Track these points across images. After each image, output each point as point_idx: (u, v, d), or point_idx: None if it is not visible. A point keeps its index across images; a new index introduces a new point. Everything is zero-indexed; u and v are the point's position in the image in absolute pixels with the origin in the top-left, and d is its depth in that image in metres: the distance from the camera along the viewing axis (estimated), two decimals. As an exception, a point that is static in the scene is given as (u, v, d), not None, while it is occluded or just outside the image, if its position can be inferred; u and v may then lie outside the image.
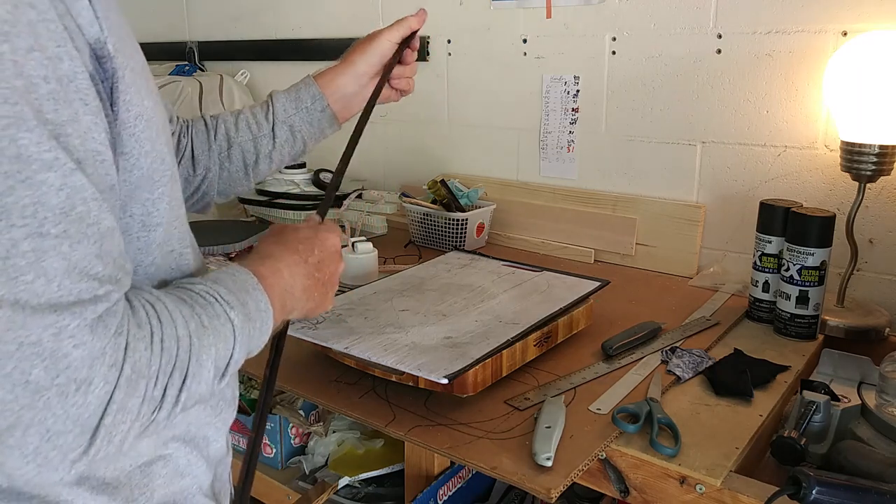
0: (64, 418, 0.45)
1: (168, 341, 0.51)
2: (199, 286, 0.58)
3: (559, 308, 1.08)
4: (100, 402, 0.46)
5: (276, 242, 0.72)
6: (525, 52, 1.64)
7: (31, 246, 0.44)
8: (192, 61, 2.28)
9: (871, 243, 1.29)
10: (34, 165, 0.44)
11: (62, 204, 0.46)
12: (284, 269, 0.68)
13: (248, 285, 0.62)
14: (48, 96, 0.46)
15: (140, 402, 0.49)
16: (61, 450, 0.46)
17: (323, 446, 1.22)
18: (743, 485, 0.80)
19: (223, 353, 0.57)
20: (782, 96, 1.34)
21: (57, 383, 0.44)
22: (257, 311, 0.62)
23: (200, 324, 0.55)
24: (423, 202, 1.67)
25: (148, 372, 0.49)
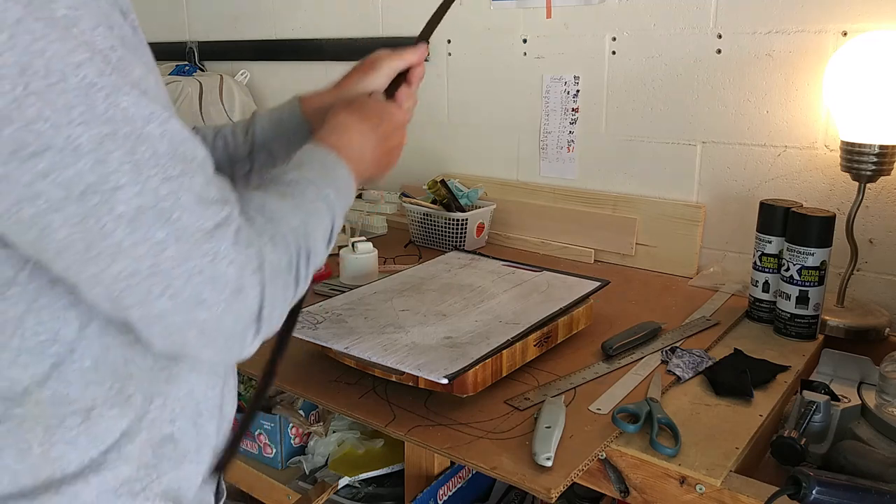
0: (236, 320, 0.55)
1: (289, 236, 0.61)
2: (291, 174, 0.67)
3: (559, 308, 1.08)
4: (256, 301, 0.56)
5: (348, 111, 0.79)
6: (525, 52, 1.64)
7: (168, 189, 0.51)
8: (192, 61, 2.28)
9: (871, 243, 1.29)
10: (138, 122, 0.50)
11: (168, 148, 0.52)
12: (356, 136, 0.77)
13: (328, 161, 0.72)
14: (119, 62, 0.50)
15: (283, 289, 0.59)
16: (240, 340, 0.57)
17: (323, 446, 1.22)
18: (743, 485, 0.80)
19: (327, 227, 0.67)
20: (782, 96, 1.34)
21: (224, 297, 0.54)
22: (343, 183, 0.71)
23: (306, 211, 0.64)
24: (423, 202, 1.67)
25: (281, 266, 0.59)
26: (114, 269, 0.51)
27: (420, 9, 1.78)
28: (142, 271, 0.51)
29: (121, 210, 0.49)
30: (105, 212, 0.49)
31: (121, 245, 0.50)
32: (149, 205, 0.50)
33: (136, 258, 0.50)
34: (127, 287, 0.51)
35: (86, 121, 0.48)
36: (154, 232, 0.50)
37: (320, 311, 1.07)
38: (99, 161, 0.48)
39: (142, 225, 0.50)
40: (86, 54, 0.48)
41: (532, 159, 1.69)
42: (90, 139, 0.48)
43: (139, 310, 0.53)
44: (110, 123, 0.49)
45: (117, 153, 0.49)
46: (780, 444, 0.86)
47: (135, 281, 0.51)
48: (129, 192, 0.49)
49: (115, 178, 0.49)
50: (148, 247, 0.50)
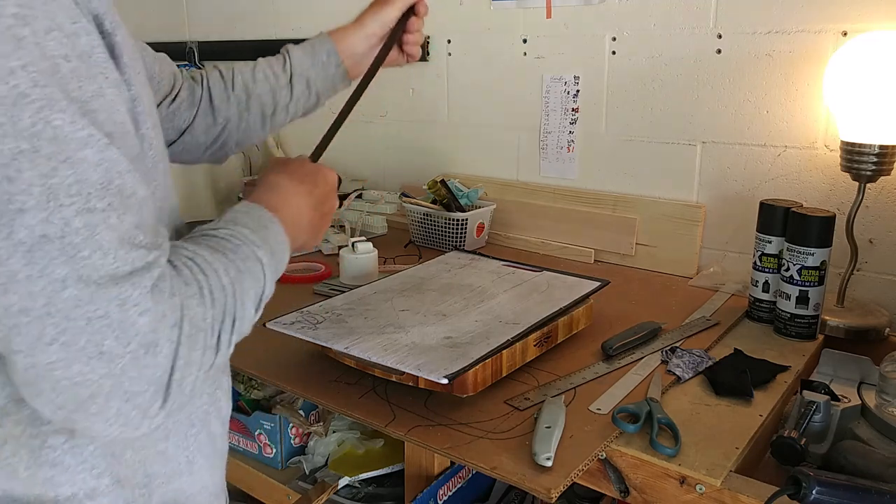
0: (139, 380, 0.48)
1: (216, 292, 0.55)
2: (223, 230, 0.62)
3: (559, 308, 1.08)
4: (168, 361, 0.50)
5: (282, 173, 0.75)
6: (525, 52, 1.64)
7: (83, 222, 0.46)
8: (192, 61, 2.28)
9: (871, 243, 1.29)
10: (72, 145, 0.46)
11: (101, 178, 0.47)
12: (293, 199, 0.73)
13: (264, 220, 0.66)
14: (71, 74, 0.47)
15: (202, 353, 0.53)
16: (140, 408, 0.49)
17: (323, 446, 1.22)
18: (743, 485, 0.80)
19: (258, 291, 0.61)
20: (782, 96, 1.34)
21: (129, 350, 0.48)
22: (277, 244, 0.66)
23: (237, 269, 0.59)
24: (423, 202, 1.67)
25: (204, 325, 0.53)
26: (3, 301, 0.45)
27: (420, 9, 1.78)
28: (34, 310, 0.45)
29: (20, 236, 0.44)
30: (2, 236, 0.44)
31: (14, 276, 0.45)
32: (54, 236, 0.45)
33: (30, 294, 0.45)
34: (15, 326, 0.46)
35: (3, 133, 0.43)
36: (54, 268, 0.45)
37: (320, 311, 1.07)
38: (7, 178, 0.43)
39: (42, 257, 0.45)
40: (20, 61, 0.44)
41: (532, 159, 1.69)
42: (2, 153, 0.43)
43: (27, 357, 0.46)
44: (32, 139, 0.44)
45: (29, 173, 0.44)
46: (780, 444, 0.86)
47: (25, 319, 0.45)
48: (33, 218, 0.44)
49: (21, 200, 0.44)
50: (45, 283, 0.45)
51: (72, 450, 0.56)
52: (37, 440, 0.55)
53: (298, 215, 0.73)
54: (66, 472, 0.56)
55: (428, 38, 1.78)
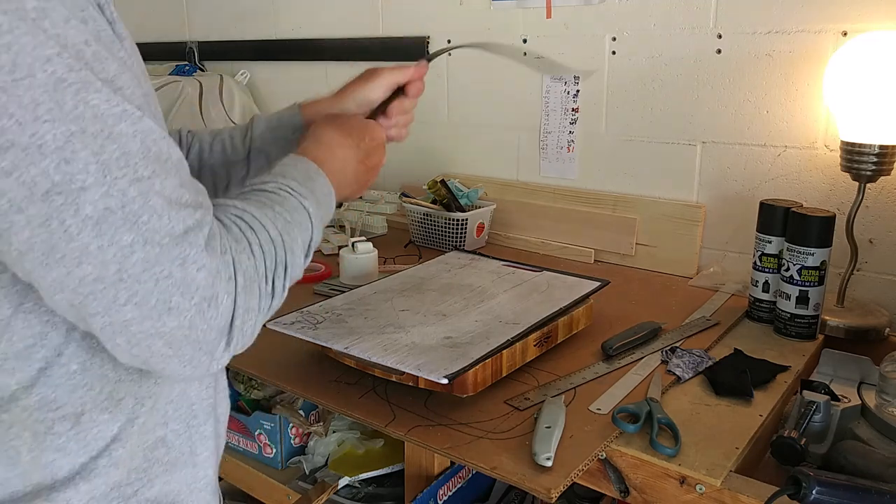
0: (206, 329, 0.53)
1: (266, 245, 0.59)
2: (271, 184, 0.66)
3: (559, 308, 1.08)
4: (229, 310, 0.54)
5: (332, 126, 0.79)
6: (525, 53, 1.64)
7: (137, 190, 0.49)
8: (192, 61, 2.28)
9: (871, 243, 1.29)
10: (110, 121, 0.48)
11: (140, 148, 0.50)
12: (339, 151, 0.77)
13: (311, 172, 0.71)
14: (93, 58, 0.49)
15: (258, 299, 0.58)
16: (209, 352, 0.55)
17: (323, 446, 1.22)
18: (743, 485, 0.80)
19: (306, 238, 0.66)
20: (782, 96, 1.34)
21: (194, 304, 0.52)
22: (324, 195, 0.70)
23: (285, 220, 0.63)
24: (423, 202, 1.67)
25: (257, 275, 0.58)
26: (78, 273, 0.49)
27: (420, 9, 1.78)
28: (108, 277, 0.49)
29: (87, 212, 0.47)
30: (70, 213, 0.47)
31: (86, 248, 0.48)
32: (116, 207, 0.48)
33: (102, 263, 0.49)
34: (91, 293, 0.49)
35: (53, 118, 0.46)
36: (121, 235, 0.49)
37: (320, 311, 1.07)
38: (64, 160, 0.46)
39: (108, 228, 0.48)
40: (55, 49, 0.46)
41: (532, 159, 1.69)
42: (56, 137, 0.46)
43: (104, 317, 0.51)
44: (78, 121, 0.47)
45: (84, 152, 0.47)
46: (780, 444, 0.86)
47: (100, 286, 0.49)
48: (95, 193, 0.47)
49: (82, 178, 0.47)
50: (115, 251, 0.49)
51: (77, 436, 0.57)
52: (42, 425, 0.56)
53: (344, 167, 0.77)
54: (67, 457, 0.57)
55: (428, 38, 1.78)
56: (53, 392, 0.56)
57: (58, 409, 0.56)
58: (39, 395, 0.55)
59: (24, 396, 0.55)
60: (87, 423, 0.58)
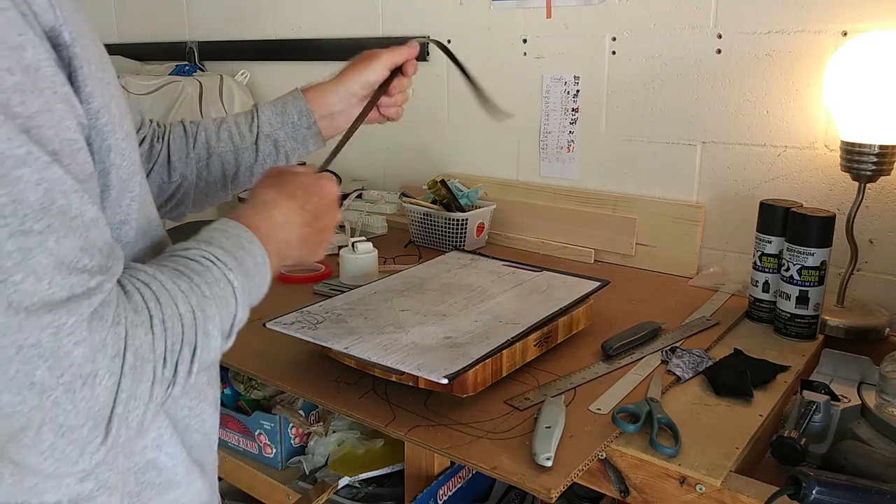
0: (75, 413, 0.45)
1: (170, 321, 0.52)
2: (194, 251, 0.58)
3: (559, 308, 1.08)
4: (108, 394, 0.47)
5: (273, 187, 0.72)
6: (525, 52, 1.64)
7: (16, 245, 0.43)
8: (192, 61, 2.28)
9: (871, 243, 1.29)
10: (7, 163, 0.43)
11: (41, 199, 0.44)
12: (279, 216, 0.69)
13: (242, 240, 0.62)
14: (14, 88, 0.44)
15: (150, 385, 0.50)
16: (77, 443, 0.46)
17: (323, 446, 1.22)
18: (743, 485, 0.80)
19: (227, 317, 0.57)
20: (782, 96, 1.34)
21: (63, 382, 0.44)
22: (255, 265, 0.62)
23: (202, 294, 0.55)
24: (423, 202, 1.67)
25: (153, 356, 0.50)
26: None
27: (420, 9, 1.78)
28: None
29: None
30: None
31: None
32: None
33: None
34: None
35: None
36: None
37: (320, 311, 1.07)
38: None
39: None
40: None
41: (532, 159, 1.69)
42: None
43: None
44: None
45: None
46: (780, 444, 0.86)
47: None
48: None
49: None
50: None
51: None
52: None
53: (287, 233, 0.69)
54: (50, 479, 0.55)
55: (428, 38, 1.78)
56: None
57: None
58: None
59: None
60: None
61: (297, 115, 0.91)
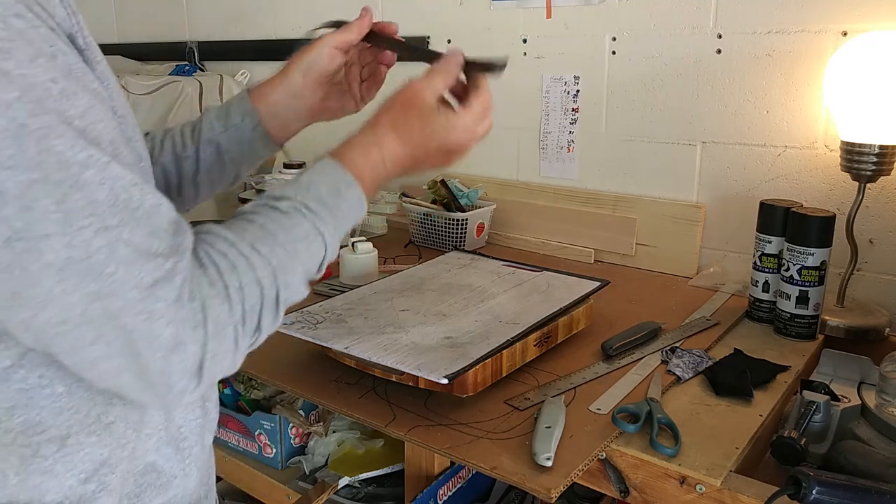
0: (172, 374, 0.52)
1: (248, 287, 0.56)
2: (286, 203, 0.62)
3: (559, 308, 1.08)
4: (196, 357, 0.53)
5: (394, 125, 0.71)
6: (525, 52, 1.64)
7: (103, 241, 0.48)
8: (192, 61, 2.28)
9: (871, 243, 1.29)
10: (74, 168, 0.47)
11: (108, 196, 0.48)
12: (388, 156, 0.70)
13: (341, 186, 0.66)
14: (60, 96, 0.47)
15: (233, 342, 0.55)
16: (178, 390, 0.53)
17: (323, 446, 1.22)
18: (743, 485, 0.80)
19: (314, 263, 0.63)
20: (782, 96, 1.34)
21: (160, 355, 0.51)
22: (349, 208, 0.66)
23: (285, 252, 0.59)
24: (423, 202, 1.67)
25: (232, 319, 0.55)
26: (43, 316, 0.48)
27: (420, 9, 1.78)
28: (72, 319, 0.48)
29: (49, 258, 0.46)
30: (32, 259, 0.46)
31: (50, 293, 0.47)
32: (79, 257, 0.47)
33: (67, 306, 0.48)
34: (58, 334, 0.49)
35: (13, 165, 0.45)
36: (86, 284, 0.48)
37: (320, 311, 1.07)
38: (25, 207, 0.45)
39: (72, 275, 0.47)
40: (15, 93, 0.45)
41: (532, 159, 1.69)
42: (17, 184, 0.45)
43: (72, 356, 0.51)
44: (40, 169, 0.45)
45: (45, 201, 0.46)
46: (780, 444, 0.86)
47: (65, 328, 0.49)
48: (57, 243, 0.46)
49: (43, 227, 0.46)
50: (79, 297, 0.48)
51: (63, 458, 0.56)
52: (28, 449, 0.55)
53: (388, 169, 0.70)
54: (55, 479, 0.56)
55: (428, 38, 1.78)
56: (38, 414, 0.55)
57: (43, 431, 0.55)
58: (23, 418, 0.54)
59: (6, 419, 0.54)
60: (74, 446, 0.56)
61: (241, 117, 0.83)
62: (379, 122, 0.72)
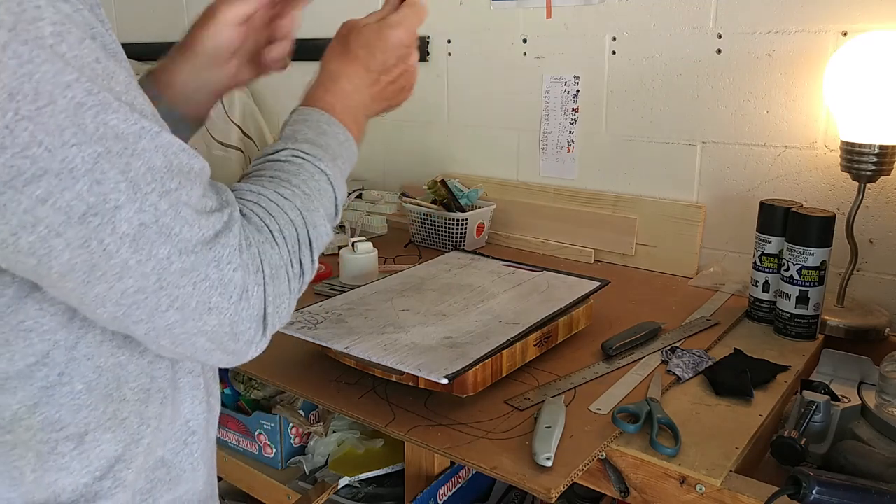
0: (242, 321, 0.56)
1: (286, 229, 0.60)
2: (284, 152, 0.65)
3: (559, 308, 1.08)
4: (260, 301, 0.57)
5: (338, 54, 0.75)
6: (525, 52, 1.64)
7: (167, 203, 0.50)
8: (192, 61, 2.27)
9: (871, 243, 1.29)
10: (131, 139, 0.49)
11: (164, 162, 0.51)
12: (348, 85, 0.73)
13: (322, 125, 0.69)
14: (105, 73, 0.49)
15: (287, 283, 0.59)
16: (248, 341, 0.57)
17: (323, 446, 1.22)
18: (743, 485, 0.80)
19: (329, 203, 0.66)
20: (782, 96, 1.34)
21: (232, 302, 0.54)
22: (339, 145, 0.69)
23: (303, 193, 0.63)
24: (423, 202, 1.67)
25: (282, 261, 0.59)
26: (120, 287, 0.50)
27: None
28: (149, 287, 0.51)
29: (123, 229, 0.49)
30: (108, 232, 0.48)
31: (126, 263, 0.49)
32: (150, 221, 0.50)
33: (143, 275, 0.50)
34: (134, 303, 0.51)
35: (79, 141, 0.46)
36: (158, 248, 0.50)
37: (320, 311, 1.07)
38: (96, 181, 0.47)
39: (145, 243, 0.50)
40: (73, 74, 0.46)
41: (532, 159, 1.69)
42: (85, 160, 0.47)
43: (147, 324, 0.53)
44: (102, 142, 0.47)
45: (112, 172, 0.48)
46: (780, 444, 0.86)
47: (142, 297, 0.51)
48: (129, 211, 0.49)
49: (115, 197, 0.48)
50: (153, 264, 0.50)
51: (80, 455, 0.57)
52: (46, 446, 0.55)
53: (359, 97, 0.73)
54: (71, 476, 0.57)
55: (428, 38, 1.78)
56: (57, 412, 0.55)
57: (62, 429, 0.56)
58: (43, 415, 0.55)
59: (27, 417, 0.55)
60: (90, 443, 0.57)
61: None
62: (325, 59, 0.76)
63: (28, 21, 0.45)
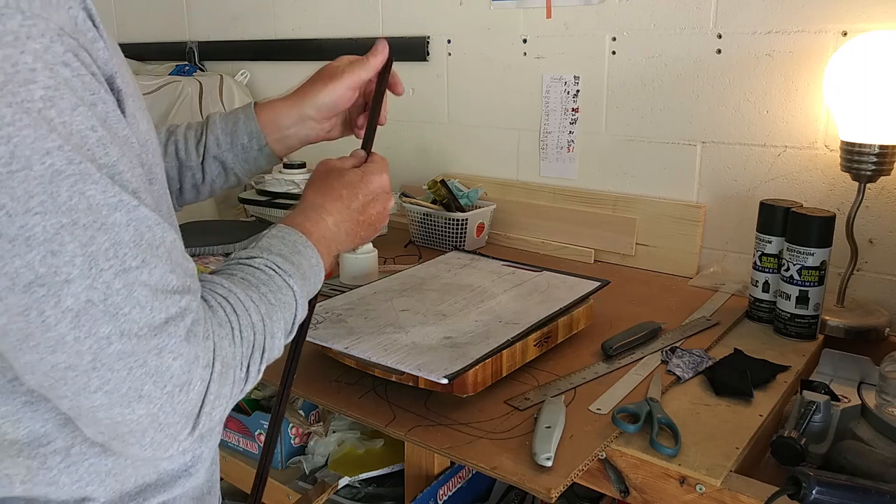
0: (173, 414, 0.52)
1: (246, 331, 0.59)
2: (258, 260, 0.65)
3: (559, 308, 1.08)
4: (199, 397, 0.54)
5: (321, 190, 0.77)
6: (525, 52, 1.64)
7: (122, 282, 0.49)
8: (192, 61, 2.28)
9: (871, 243, 1.29)
10: (104, 211, 0.48)
11: (133, 237, 0.50)
12: (328, 217, 0.75)
13: (298, 245, 0.69)
14: (97, 143, 0.49)
15: (231, 386, 0.57)
16: (172, 437, 0.54)
17: (323, 446, 1.22)
18: (743, 485, 0.80)
19: (289, 318, 0.65)
20: (782, 96, 1.34)
21: (166, 392, 0.51)
22: (310, 267, 0.70)
23: (269, 303, 0.62)
24: (423, 202, 1.67)
25: (234, 362, 0.57)
26: (51, 360, 0.48)
27: (420, 9, 1.78)
28: (81, 365, 0.48)
29: (68, 304, 0.47)
30: (50, 305, 0.47)
31: (62, 339, 0.47)
32: (98, 299, 0.48)
33: (77, 353, 0.48)
34: (62, 379, 0.49)
35: (44, 210, 0.45)
36: (99, 327, 0.48)
37: (320, 311, 1.07)
38: (51, 252, 0.46)
39: (87, 320, 0.48)
40: (56, 142, 0.46)
41: (532, 159, 1.69)
42: (45, 229, 0.46)
43: (71, 401, 0.50)
44: (70, 213, 0.46)
45: (72, 245, 0.47)
46: (780, 444, 0.86)
47: (72, 374, 0.49)
48: (79, 286, 0.47)
49: (67, 271, 0.47)
50: (91, 342, 0.48)
51: (68, 468, 0.57)
52: (35, 461, 0.56)
53: (335, 233, 0.76)
54: (60, 490, 0.57)
55: (428, 38, 1.78)
56: (43, 427, 0.55)
57: (49, 443, 0.56)
58: (28, 430, 0.55)
59: (11, 431, 0.55)
60: (78, 457, 0.57)
61: (248, 138, 0.86)
62: (307, 192, 0.78)
63: (19, 83, 0.44)
